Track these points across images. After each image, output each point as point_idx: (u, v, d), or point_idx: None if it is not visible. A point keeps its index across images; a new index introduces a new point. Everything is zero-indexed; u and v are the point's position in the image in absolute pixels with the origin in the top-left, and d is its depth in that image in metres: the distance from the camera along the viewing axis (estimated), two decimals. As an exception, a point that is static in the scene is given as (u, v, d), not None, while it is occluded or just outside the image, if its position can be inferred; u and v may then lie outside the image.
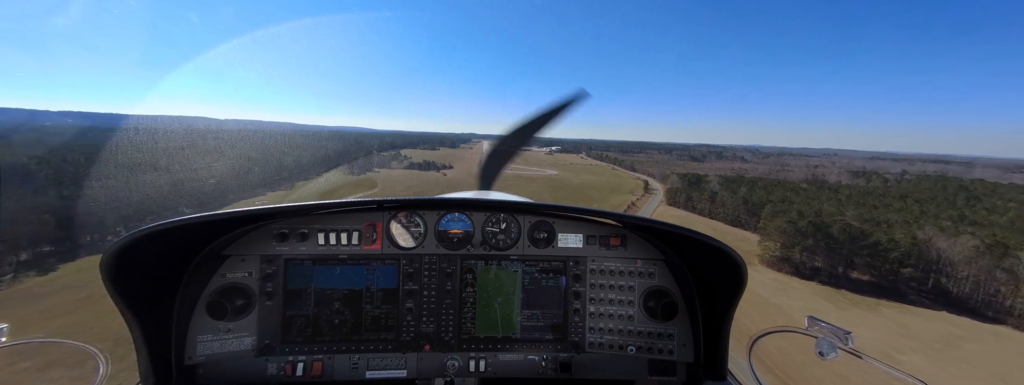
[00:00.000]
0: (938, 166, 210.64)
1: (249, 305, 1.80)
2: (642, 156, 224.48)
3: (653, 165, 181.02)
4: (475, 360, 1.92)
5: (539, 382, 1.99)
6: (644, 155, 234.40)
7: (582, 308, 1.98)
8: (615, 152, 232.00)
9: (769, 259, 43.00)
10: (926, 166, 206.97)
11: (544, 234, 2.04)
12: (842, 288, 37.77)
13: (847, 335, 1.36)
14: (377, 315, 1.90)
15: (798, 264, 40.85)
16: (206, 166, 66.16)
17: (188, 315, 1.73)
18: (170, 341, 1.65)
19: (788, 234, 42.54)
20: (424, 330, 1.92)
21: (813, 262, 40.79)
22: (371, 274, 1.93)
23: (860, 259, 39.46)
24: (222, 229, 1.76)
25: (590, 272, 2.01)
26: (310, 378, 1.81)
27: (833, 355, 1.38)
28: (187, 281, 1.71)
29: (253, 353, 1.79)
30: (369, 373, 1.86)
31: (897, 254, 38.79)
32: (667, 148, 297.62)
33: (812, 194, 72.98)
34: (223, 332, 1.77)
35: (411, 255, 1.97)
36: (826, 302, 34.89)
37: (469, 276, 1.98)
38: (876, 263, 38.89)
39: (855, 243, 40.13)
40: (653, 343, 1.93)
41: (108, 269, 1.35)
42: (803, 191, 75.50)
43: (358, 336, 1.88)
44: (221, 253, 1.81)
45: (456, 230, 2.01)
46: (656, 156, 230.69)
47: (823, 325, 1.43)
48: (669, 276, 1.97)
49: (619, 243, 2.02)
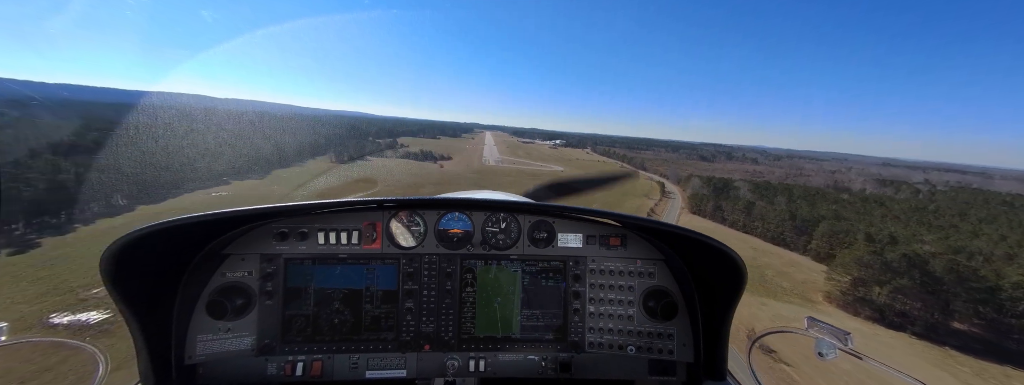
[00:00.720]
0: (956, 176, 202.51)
1: (249, 304, 1.79)
2: (649, 153, 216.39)
3: (663, 164, 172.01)
4: (475, 360, 1.91)
5: (539, 382, 1.98)
6: (651, 152, 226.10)
7: (582, 308, 1.98)
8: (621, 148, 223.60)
9: (841, 299, 34.41)
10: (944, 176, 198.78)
11: (544, 234, 2.02)
12: (945, 344, 29.38)
13: (847, 336, 1.37)
14: (377, 315, 1.90)
15: (882, 308, 32.23)
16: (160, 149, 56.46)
17: (188, 314, 1.72)
18: (170, 341, 1.65)
19: (873, 268, 32.91)
20: (424, 330, 1.91)
21: (899, 305, 32.14)
22: (371, 274, 1.92)
23: (964, 305, 30.86)
24: (222, 228, 1.74)
25: (590, 272, 2.00)
26: (310, 378, 1.81)
27: (833, 355, 1.39)
28: (187, 280, 1.70)
29: (253, 353, 1.78)
30: (369, 373, 1.86)
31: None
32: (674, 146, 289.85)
33: (859, 207, 64.22)
34: (223, 332, 1.76)
35: (411, 255, 1.96)
36: (936, 368, 26.67)
37: (469, 276, 1.97)
38: (986, 312, 30.30)
39: (964, 285, 31.53)
40: (653, 343, 1.92)
41: (108, 268, 1.34)
42: (848, 203, 66.64)
43: (358, 336, 1.87)
44: (221, 252, 1.80)
45: (456, 230, 1.99)
46: (663, 154, 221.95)
47: (823, 325, 1.44)
48: (669, 276, 1.96)
49: (619, 243, 2.00)
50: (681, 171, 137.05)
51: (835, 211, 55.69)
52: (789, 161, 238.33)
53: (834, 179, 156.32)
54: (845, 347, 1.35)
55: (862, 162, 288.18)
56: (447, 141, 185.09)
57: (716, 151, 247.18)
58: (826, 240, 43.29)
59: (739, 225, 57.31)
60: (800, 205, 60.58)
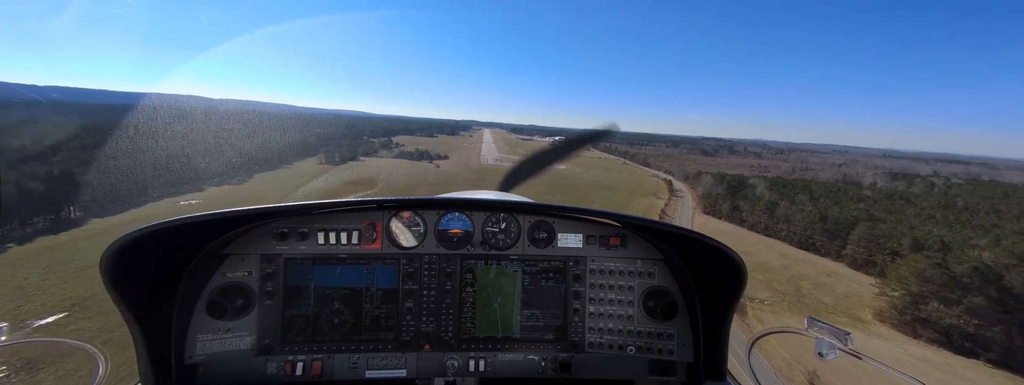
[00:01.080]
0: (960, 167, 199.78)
1: (249, 304, 1.79)
2: (650, 149, 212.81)
3: (665, 159, 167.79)
4: (475, 360, 1.90)
5: (539, 382, 1.97)
6: (652, 148, 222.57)
7: (582, 308, 1.97)
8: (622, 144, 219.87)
9: (896, 318, 28.82)
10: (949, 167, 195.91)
11: (544, 234, 2.02)
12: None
13: (847, 336, 1.37)
14: (377, 315, 1.89)
15: (948, 330, 27.72)
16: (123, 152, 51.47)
17: (188, 314, 1.71)
18: (170, 340, 1.64)
19: (936, 283, 28.11)
20: (424, 330, 1.90)
21: (969, 327, 27.45)
22: (371, 274, 1.91)
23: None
24: (222, 228, 1.73)
25: (590, 272, 2.00)
26: (310, 378, 1.80)
27: (833, 355, 1.39)
28: (187, 280, 1.69)
29: (253, 352, 1.78)
30: (369, 373, 1.85)
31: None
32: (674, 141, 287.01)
33: (887, 205, 59.68)
34: (223, 331, 1.75)
35: (411, 255, 1.95)
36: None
37: (469, 276, 1.96)
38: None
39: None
40: (653, 343, 1.91)
41: (108, 268, 1.34)
42: (874, 201, 62.23)
43: (358, 336, 1.87)
44: (221, 252, 1.79)
45: (456, 230, 1.99)
46: (664, 149, 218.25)
47: (823, 325, 1.44)
48: (669, 276, 1.95)
49: (619, 243, 2.00)
50: (687, 167, 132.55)
51: (867, 211, 50.85)
52: (792, 154, 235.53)
53: (842, 173, 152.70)
54: (845, 347, 1.35)
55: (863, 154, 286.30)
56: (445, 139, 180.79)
57: (717, 145, 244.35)
58: (864, 245, 38.88)
59: (761, 227, 52.54)
60: (825, 204, 55.83)
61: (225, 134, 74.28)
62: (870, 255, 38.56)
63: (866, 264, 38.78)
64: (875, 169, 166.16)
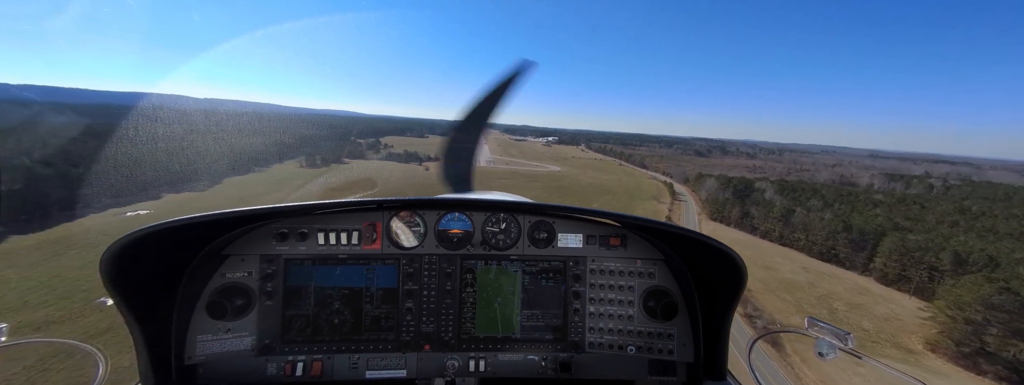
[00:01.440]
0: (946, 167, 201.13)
1: (249, 305, 1.79)
2: (644, 149, 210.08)
3: (661, 160, 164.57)
4: (475, 360, 1.90)
5: (539, 382, 1.98)
6: (646, 148, 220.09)
7: (582, 308, 1.97)
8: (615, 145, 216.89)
9: (954, 350, 24.69)
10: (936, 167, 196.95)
11: (544, 234, 2.02)
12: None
13: (847, 336, 1.36)
14: (377, 315, 1.89)
15: (1015, 365, 24.12)
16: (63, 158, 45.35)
17: (188, 315, 1.71)
18: (170, 341, 1.64)
19: (1005, 311, 23.95)
20: (424, 330, 1.90)
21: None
22: (371, 274, 1.91)
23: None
24: (222, 228, 1.73)
25: (590, 272, 2.00)
26: (310, 378, 1.80)
27: (833, 355, 1.39)
28: (187, 281, 1.69)
29: (253, 353, 1.78)
30: (369, 373, 1.85)
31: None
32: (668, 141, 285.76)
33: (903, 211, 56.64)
34: (223, 332, 1.75)
35: (411, 255, 1.95)
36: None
37: (469, 276, 1.96)
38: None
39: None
40: (653, 343, 1.91)
41: (108, 268, 1.34)
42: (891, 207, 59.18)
43: (358, 336, 1.87)
44: (221, 253, 1.79)
45: (456, 230, 1.99)
46: (658, 150, 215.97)
47: (823, 325, 1.44)
48: (669, 276, 1.96)
49: (619, 243, 2.00)
50: (684, 168, 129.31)
51: (890, 219, 47.46)
52: (784, 155, 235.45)
53: (838, 174, 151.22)
54: (845, 347, 1.35)
55: (851, 154, 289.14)
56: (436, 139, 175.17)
57: (710, 146, 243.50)
58: (896, 259, 35.32)
59: (775, 236, 48.77)
60: (842, 210, 52.44)
61: (195, 136, 68.07)
62: (903, 270, 34.98)
63: (898, 279, 35.24)
64: (867, 169, 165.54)
